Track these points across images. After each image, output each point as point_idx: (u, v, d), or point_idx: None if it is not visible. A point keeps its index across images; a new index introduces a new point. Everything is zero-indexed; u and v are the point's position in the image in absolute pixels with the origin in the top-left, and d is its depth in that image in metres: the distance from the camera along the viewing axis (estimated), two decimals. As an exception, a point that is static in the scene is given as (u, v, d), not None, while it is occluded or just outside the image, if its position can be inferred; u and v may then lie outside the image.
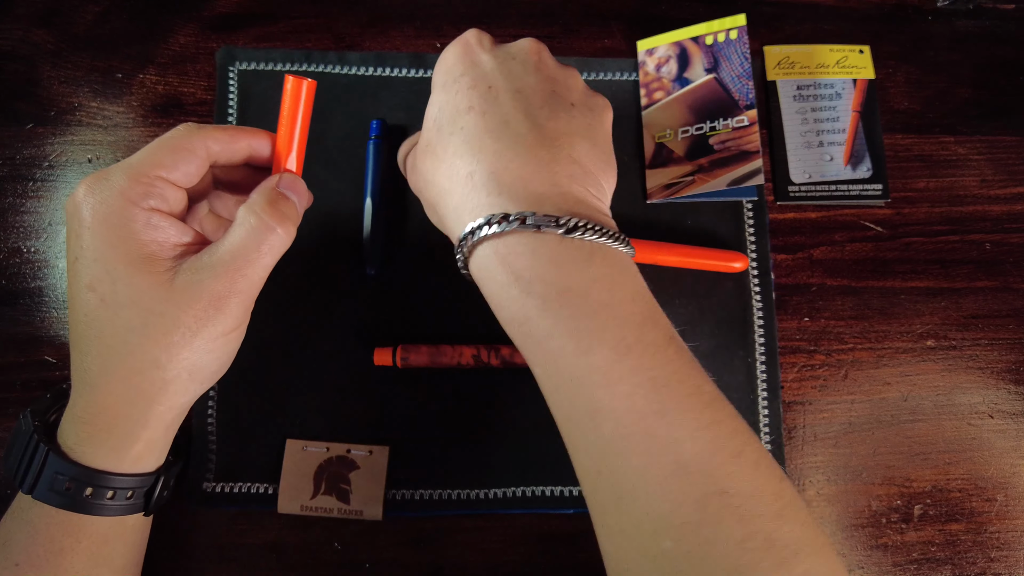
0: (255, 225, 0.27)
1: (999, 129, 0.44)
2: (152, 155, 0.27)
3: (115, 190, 0.26)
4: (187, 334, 0.26)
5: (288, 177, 0.30)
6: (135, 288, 0.26)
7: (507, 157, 0.27)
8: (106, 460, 0.27)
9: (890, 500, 0.38)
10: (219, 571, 0.36)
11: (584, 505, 0.37)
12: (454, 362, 0.37)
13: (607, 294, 0.25)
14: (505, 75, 0.28)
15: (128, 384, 0.26)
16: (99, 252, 0.26)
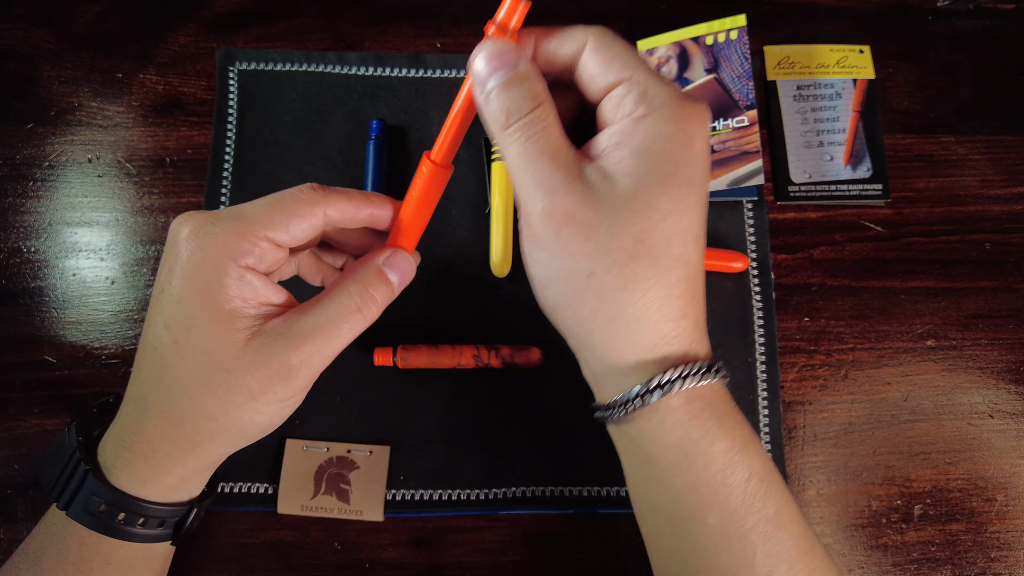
0: (346, 306, 0.26)
1: (999, 129, 0.44)
2: (267, 214, 0.26)
3: (218, 241, 0.25)
4: (247, 395, 0.26)
5: (398, 257, 0.28)
6: (209, 340, 0.25)
7: (703, 304, 0.26)
8: (141, 488, 0.27)
9: (890, 500, 0.38)
10: (219, 571, 0.36)
11: (584, 505, 0.37)
12: (454, 362, 0.37)
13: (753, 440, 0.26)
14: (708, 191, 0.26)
15: (178, 427, 0.26)
16: (184, 295, 0.25)
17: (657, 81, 0.24)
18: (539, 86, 0.24)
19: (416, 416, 0.38)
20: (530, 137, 0.24)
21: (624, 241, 0.23)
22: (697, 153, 0.24)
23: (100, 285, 0.40)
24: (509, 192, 0.40)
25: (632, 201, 0.23)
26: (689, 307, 0.25)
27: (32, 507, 0.37)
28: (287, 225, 0.26)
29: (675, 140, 0.24)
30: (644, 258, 0.24)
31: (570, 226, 0.24)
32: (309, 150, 0.41)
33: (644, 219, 0.23)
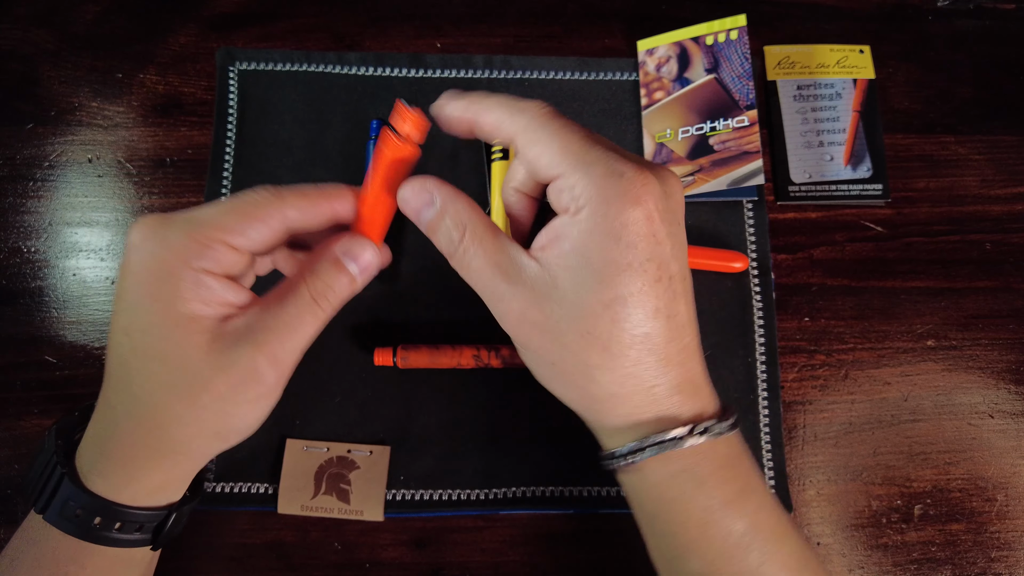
0: (303, 298, 0.26)
1: (999, 129, 0.44)
2: (220, 217, 0.25)
3: (170, 245, 0.25)
4: (216, 398, 0.25)
5: (355, 245, 0.27)
6: (169, 344, 0.25)
7: (687, 366, 0.26)
8: (118, 492, 0.27)
9: (890, 500, 0.38)
10: (219, 571, 0.36)
11: (584, 505, 0.37)
12: (454, 362, 0.37)
13: (760, 485, 0.27)
14: (678, 258, 0.26)
15: (150, 433, 0.26)
16: (138, 301, 0.25)
17: (585, 172, 0.24)
18: (460, 209, 0.26)
19: (416, 416, 0.38)
20: (468, 262, 0.26)
21: (572, 336, 0.25)
22: (633, 238, 0.24)
23: (100, 285, 0.40)
24: (509, 192, 0.40)
25: (573, 297, 0.24)
26: (661, 375, 0.26)
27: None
28: (244, 229, 0.25)
29: (606, 233, 0.24)
30: (595, 348, 0.25)
31: (524, 326, 0.26)
32: (309, 150, 0.41)
33: (588, 314, 0.24)
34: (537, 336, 0.26)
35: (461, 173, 0.41)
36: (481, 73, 0.43)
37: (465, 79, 0.43)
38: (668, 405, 0.26)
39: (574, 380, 0.26)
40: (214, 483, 0.37)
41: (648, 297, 0.25)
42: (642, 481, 0.27)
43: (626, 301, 0.24)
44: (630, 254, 0.24)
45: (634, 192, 0.24)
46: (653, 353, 0.25)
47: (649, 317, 0.25)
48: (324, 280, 0.26)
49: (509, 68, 0.43)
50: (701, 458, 0.26)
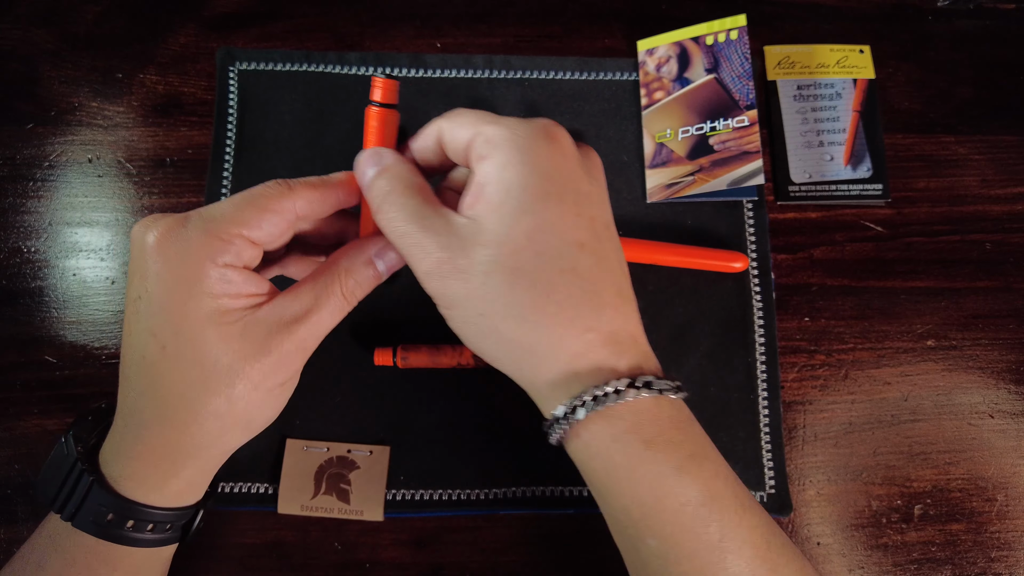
0: (335, 295, 0.27)
1: (1000, 129, 0.44)
2: (236, 212, 0.26)
3: (192, 245, 0.25)
4: (249, 386, 0.26)
5: (392, 251, 0.28)
6: (202, 343, 0.25)
7: (624, 314, 0.25)
8: (148, 495, 0.27)
9: (890, 500, 0.38)
10: (219, 570, 0.36)
11: (584, 505, 0.37)
12: (454, 362, 0.37)
13: (713, 453, 0.26)
14: (600, 206, 0.26)
15: (184, 432, 0.26)
16: (166, 303, 0.25)
17: (496, 123, 0.25)
18: (401, 171, 0.27)
19: (416, 416, 0.38)
20: (396, 211, 0.26)
21: (499, 276, 0.24)
22: (549, 170, 0.25)
23: (100, 285, 0.40)
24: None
25: (498, 235, 0.24)
26: (594, 318, 0.25)
27: (32, 507, 0.36)
28: (259, 221, 0.26)
29: (523, 163, 0.24)
30: (522, 283, 0.24)
31: (449, 278, 0.25)
32: (309, 150, 0.41)
33: (513, 248, 0.24)
34: (463, 285, 0.25)
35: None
36: (481, 73, 0.43)
37: (465, 79, 0.43)
38: (605, 355, 0.25)
39: (505, 329, 0.25)
40: (214, 483, 0.37)
41: (570, 228, 0.24)
42: (587, 449, 0.25)
43: (548, 229, 0.24)
44: (547, 183, 0.24)
45: (547, 131, 0.25)
46: (583, 290, 0.24)
47: (573, 249, 0.24)
48: (356, 278, 0.28)
49: (509, 68, 0.43)
50: (647, 418, 0.24)
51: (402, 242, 0.26)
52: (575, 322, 0.24)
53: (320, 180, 0.28)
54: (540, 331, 0.24)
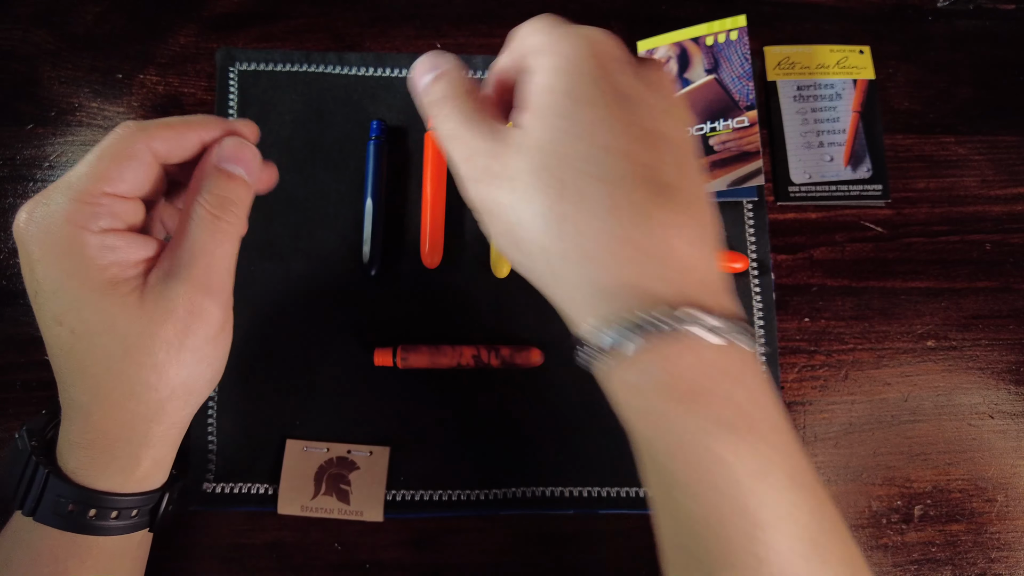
0: (204, 218, 0.26)
1: (999, 129, 0.44)
2: (94, 169, 0.25)
3: (60, 216, 0.24)
4: (171, 349, 0.25)
5: (229, 146, 0.27)
6: (105, 315, 0.24)
7: (685, 235, 0.22)
8: (110, 482, 0.26)
9: (890, 501, 0.38)
10: (219, 571, 0.36)
11: (584, 505, 0.37)
12: (454, 362, 0.37)
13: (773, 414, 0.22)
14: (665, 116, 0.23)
15: (123, 409, 0.25)
16: (57, 284, 0.24)
17: (542, 32, 0.25)
18: (460, 77, 0.26)
19: (416, 416, 0.38)
20: (452, 115, 0.25)
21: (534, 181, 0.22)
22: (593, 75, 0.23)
23: (100, 285, 0.40)
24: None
25: (533, 141, 0.22)
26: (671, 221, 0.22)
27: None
28: (120, 173, 0.25)
29: (561, 72, 0.23)
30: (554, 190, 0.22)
31: (489, 184, 0.23)
32: (309, 150, 0.41)
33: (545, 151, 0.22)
34: (503, 193, 0.23)
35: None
36: (481, 73, 0.43)
37: (465, 79, 0.43)
38: (680, 272, 0.21)
39: (537, 238, 0.22)
40: (214, 484, 0.37)
41: (609, 133, 0.22)
42: (622, 383, 0.22)
43: (584, 135, 0.22)
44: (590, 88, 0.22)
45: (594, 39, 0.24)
46: (656, 184, 0.21)
47: (613, 156, 0.22)
48: (215, 193, 0.26)
49: (509, 68, 0.43)
50: (727, 359, 0.21)
51: (451, 144, 0.25)
52: (647, 220, 0.21)
53: (178, 119, 0.27)
54: (610, 225, 0.21)
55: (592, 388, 0.39)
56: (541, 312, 0.39)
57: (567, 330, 0.24)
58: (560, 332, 0.39)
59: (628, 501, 0.37)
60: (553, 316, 0.40)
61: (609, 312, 0.21)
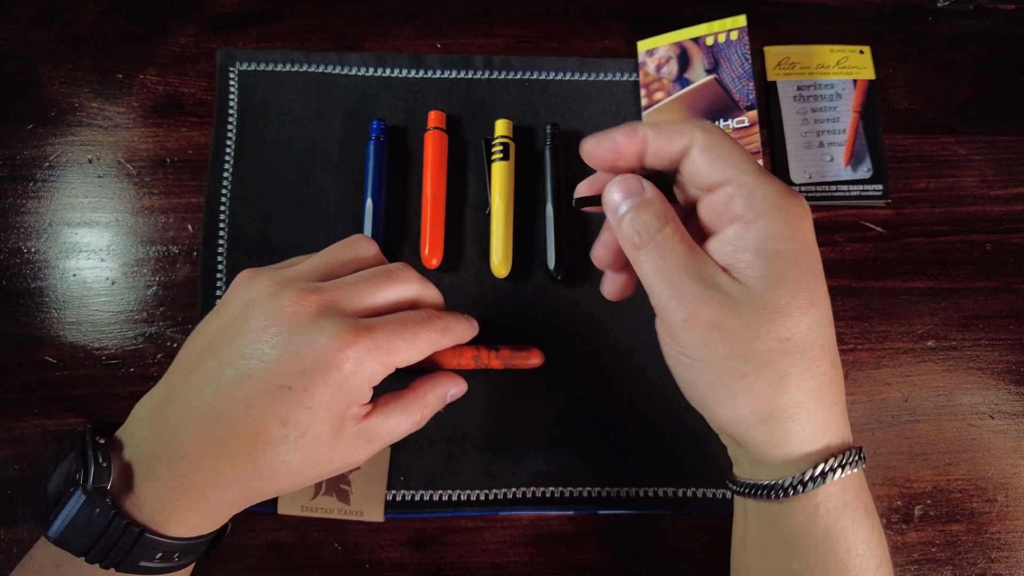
0: (414, 419, 0.31)
1: (999, 129, 0.44)
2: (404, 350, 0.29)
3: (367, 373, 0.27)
4: (332, 469, 0.29)
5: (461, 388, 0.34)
6: (320, 441, 0.27)
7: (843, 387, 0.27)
8: (195, 530, 0.28)
9: (890, 501, 0.38)
10: (219, 571, 0.36)
11: (584, 505, 0.37)
12: (454, 363, 0.37)
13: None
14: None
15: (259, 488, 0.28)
16: (316, 406, 0.27)
17: (763, 182, 0.25)
18: (664, 207, 0.26)
19: (416, 416, 0.38)
20: (664, 254, 0.25)
21: (770, 342, 0.24)
22: (812, 247, 0.25)
23: (100, 285, 0.40)
24: (509, 193, 0.40)
25: (770, 304, 0.24)
26: (838, 392, 0.26)
27: (33, 507, 0.36)
28: (411, 359, 0.29)
29: (791, 239, 0.24)
30: (793, 355, 0.24)
31: (714, 332, 0.24)
32: (309, 150, 0.41)
33: (786, 319, 0.24)
34: (727, 344, 0.24)
35: (461, 174, 0.41)
36: (481, 73, 0.43)
37: (465, 79, 0.43)
38: (844, 426, 0.26)
39: (764, 391, 0.25)
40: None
41: (827, 305, 0.25)
42: (813, 510, 0.26)
43: (816, 307, 0.25)
44: (815, 261, 0.25)
45: (803, 204, 0.25)
46: (834, 367, 0.26)
47: (830, 327, 0.25)
48: (433, 409, 0.32)
49: (509, 68, 0.43)
50: (862, 484, 0.27)
51: (662, 284, 0.25)
52: (827, 395, 0.25)
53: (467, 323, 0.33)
54: (803, 397, 0.25)
55: (591, 390, 0.39)
56: (541, 313, 0.39)
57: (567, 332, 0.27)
58: (560, 332, 0.39)
59: (628, 501, 0.37)
60: (552, 317, 0.40)
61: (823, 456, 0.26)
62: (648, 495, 0.37)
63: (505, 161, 0.40)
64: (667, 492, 0.37)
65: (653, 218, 0.26)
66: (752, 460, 0.28)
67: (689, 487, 0.38)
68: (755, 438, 0.26)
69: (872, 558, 0.26)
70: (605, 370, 0.39)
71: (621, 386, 0.38)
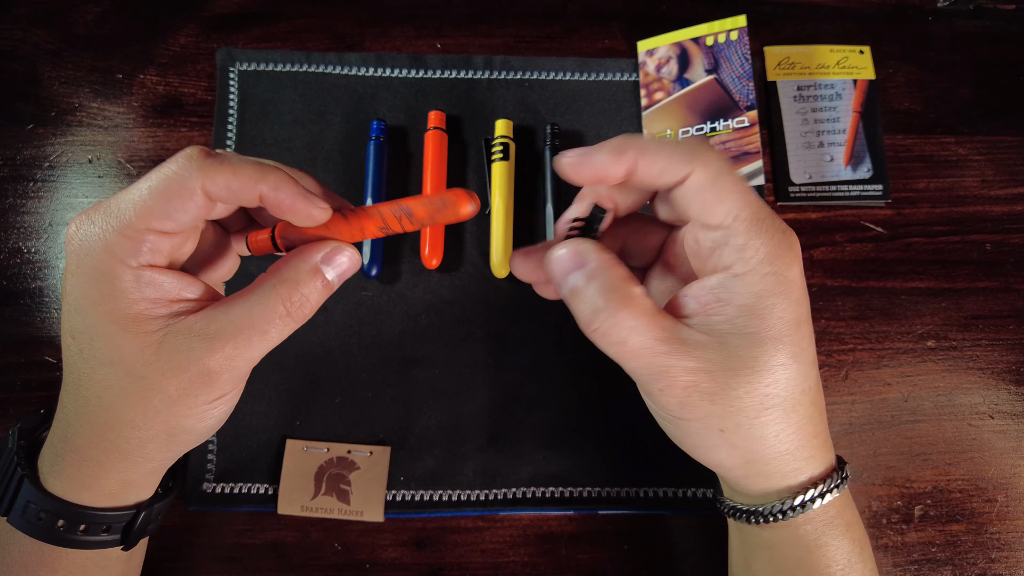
0: (272, 306, 0.24)
1: (999, 129, 0.44)
2: (142, 203, 0.23)
3: (99, 242, 0.23)
4: (167, 401, 0.24)
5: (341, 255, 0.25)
6: (115, 348, 0.23)
7: (823, 405, 0.27)
8: (77, 494, 0.26)
9: (890, 501, 0.38)
10: (219, 571, 0.36)
11: (584, 505, 0.37)
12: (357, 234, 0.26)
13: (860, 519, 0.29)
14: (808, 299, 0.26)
15: (103, 436, 0.25)
16: (80, 304, 0.23)
17: (758, 232, 0.23)
18: (616, 279, 0.24)
19: (416, 416, 0.38)
20: (624, 337, 0.23)
21: (749, 400, 0.24)
22: (799, 294, 0.25)
23: (100, 285, 0.40)
24: (509, 192, 0.40)
25: (748, 363, 0.23)
26: (819, 424, 0.26)
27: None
28: (167, 210, 0.23)
29: (777, 295, 0.24)
30: (773, 410, 0.24)
31: (692, 395, 0.24)
32: (309, 150, 0.41)
33: (765, 377, 0.23)
34: (707, 405, 0.24)
35: (461, 174, 0.41)
36: (481, 73, 0.43)
37: (465, 79, 0.43)
38: (825, 451, 0.26)
39: (743, 444, 0.25)
40: (214, 484, 0.37)
41: (811, 349, 0.25)
42: (794, 531, 0.27)
43: (800, 357, 0.24)
44: (800, 310, 0.24)
45: (795, 248, 0.25)
46: (815, 404, 0.26)
47: (812, 368, 0.25)
48: (300, 290, 0.24)
49: (509, 68, 0.43)
50: (846, 503, 0.27)
51: (628, 361, 0.24)
52: (810, 432, 0.25)
53: (250, 165, 0.23)
54: (783, 446, 0.25)
55: (591, 389, 0.39)
56: (541, 313, 0.39)
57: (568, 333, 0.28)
58: (561, 332, 0.39)
59: (628, 501, 0.37)
60: (552, 317, 0.40)
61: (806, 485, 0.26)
62: (648, 495, 0.37)
63: (505, 161, 0.40)
64: (667, 492, 0.37)
65: (605, 300, 0.23)
66: (733, 490, 0.28)
67: (689, 487, 0.38)
68: (737, 478, 0.27)
69: (853, 571, 0.27)
70: (605, 370, 0.39)
71: (622, 386, 0.38)
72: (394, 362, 0.38)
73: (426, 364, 0.39)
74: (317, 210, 0.24)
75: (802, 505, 0.26)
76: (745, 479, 0.26)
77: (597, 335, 0.24)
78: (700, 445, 0.26)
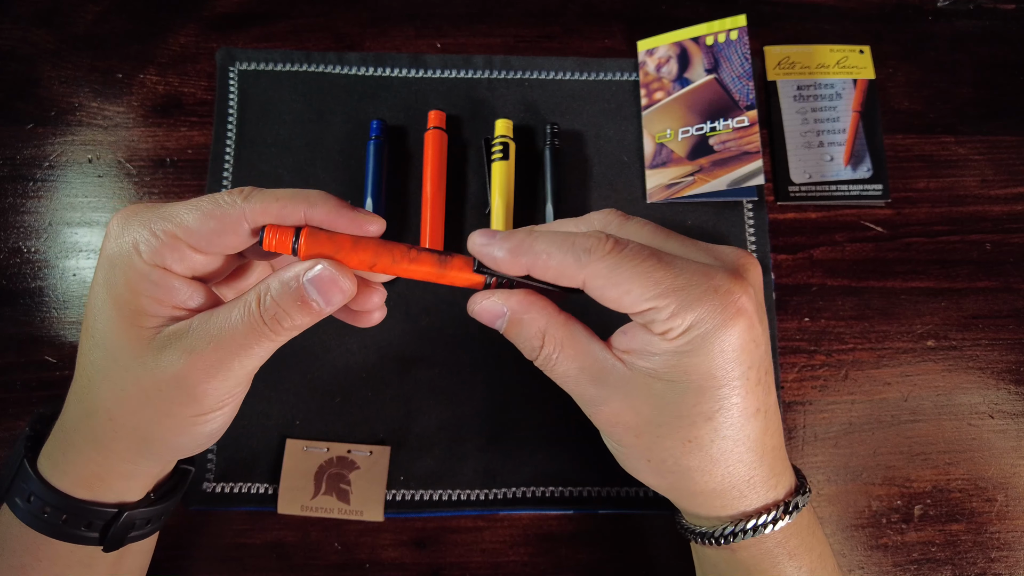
0: (251, 317, 0.23)
1: (999, 129, 0.44)
2: (185, 217, 0.23)
3: (131, 235, 0.23)
4: (143, 399, 0.23)
5: (326, 275, 0.23)
6: (110, 332, 0.24)
7: (777, 446, 0.26)
8: (60, 480, 0.26)
9: (890, 500, 0.38)
10: (219, 571, 0.36)
11: (584, 505, 0.37)
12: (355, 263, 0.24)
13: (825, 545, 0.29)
14: (767, 344, 0.25)
15: (81, 422, 0.26)
16: (96, 284, 0.24)
17: (679, 302, 0.23)
18: (535, 317, 0.25)
19: (416, 416, 0.38)
20: (552, 368, 0.26)
21: (671, 441, 0.25)
22: (736, 354, 0.23)
23: (100, 285, 0.40)
24: (509, 192, 0.40)
25: (671, 407, 0.24)
26: (757, 467, 0.26)
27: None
28: (208, 235, 0.23)
29: (708, 356, 0.23)
30: (696, 454, 0.25)
31: (617, 427, 0.25)
32: (309, 150, 0.41)
33: (688, 424, 0.24)
34: (631, 437, 0.25)
35: (461, 173, 0.41)
36: (481, 73, 0.43)
37: (465, 79, 0.43)
38: (763, 490, 0.26)
39: (669, 476, 0.26)
40: (214, 483, 0.37)
41: (749, 401, 0.24)
42: (730, 557, 0.27)
43: (729, 411, 0.24)
44: (733, 369, 0.24)
45: (733, 306, 0.23)
46: (752, 451, 0.25)
47: (750, 419, 0.25)
48: (281, 306, 0.23)
49: (509, 68, 0.43)
50: (798, 527, 0.27)
51: (572, 392, 0.26)
52: (741, 476, 0.26)
53: (290, 196, 0.23)
54: (708, 486, 0.26)
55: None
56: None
57: None
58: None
59: (628, 501, 0.37)
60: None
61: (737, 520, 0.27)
62: (649, 495, 0.37)
63: (505, 161, 0.40)
64: (667, 492, 0.38)
65: (529, 339, 0.25)
66: (685, 513, 0.29)
67: (689, 487, 0.38)
68: (676, 501, 0.28)
69: None
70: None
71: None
72: (394, 362, 0.38)
73: (426, 364, 0.39)
74: (375, 224, 0.24)
75: (733, 535, 0.26)
76: (678, 502, 0.28)
77: (539, 366, 0.26)
78: (629, 467, 0.27)
